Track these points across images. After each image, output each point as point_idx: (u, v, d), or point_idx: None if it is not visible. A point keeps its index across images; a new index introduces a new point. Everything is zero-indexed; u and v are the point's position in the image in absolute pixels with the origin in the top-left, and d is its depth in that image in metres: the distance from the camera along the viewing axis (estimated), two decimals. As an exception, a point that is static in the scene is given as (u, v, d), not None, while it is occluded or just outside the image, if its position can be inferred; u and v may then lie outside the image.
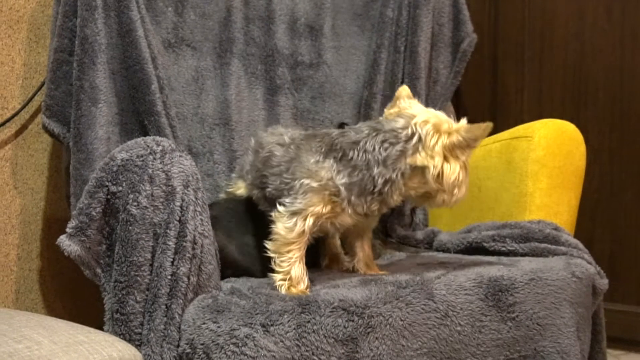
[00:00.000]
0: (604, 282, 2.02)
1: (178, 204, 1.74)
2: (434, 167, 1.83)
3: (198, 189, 1.79)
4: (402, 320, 1.71)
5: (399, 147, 1.85)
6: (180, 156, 1.79)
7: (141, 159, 1.75)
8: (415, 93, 2.53)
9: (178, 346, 1.67)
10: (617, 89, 2.76)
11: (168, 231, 1.72)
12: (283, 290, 1.83)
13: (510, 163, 2.23)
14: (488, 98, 2.99)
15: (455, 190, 1.87)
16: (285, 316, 1.63)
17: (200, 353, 1.62)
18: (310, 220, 1.86)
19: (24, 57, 2.33)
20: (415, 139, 1.84)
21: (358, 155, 1.87)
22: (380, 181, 1.85)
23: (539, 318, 1.84)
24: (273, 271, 1.88)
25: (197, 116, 2.42)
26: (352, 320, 1.67)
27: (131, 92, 2.21)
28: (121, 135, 2.21)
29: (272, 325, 1.61)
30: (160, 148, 1.77)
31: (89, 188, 1.77)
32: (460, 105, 2.93)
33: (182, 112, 2.39)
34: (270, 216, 1.91)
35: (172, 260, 1.71)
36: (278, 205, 1.91)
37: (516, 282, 1.85)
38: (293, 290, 1.83)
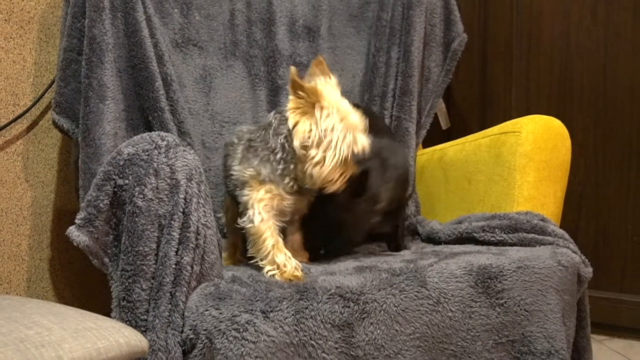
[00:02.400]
0: (588, 271, 2.02)
1: (182, 196, 1.73)
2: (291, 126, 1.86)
3: (201, 182, 1.79)
4: (395, 306, 1.71)
5: (283, 117, 1.90)
6: (184, 150, 1.79)
7: (147, 153, 1.75)
8: (408, 91, 2.54)
9: (182, 332, 1.67)
10: (601, 86, 2.76)
11: (172, 222, 1.72)
12: (278, 278, 1.84)
13: (499, 157, 2.23)
14: (478, 95, 2.99)
15: (313, 153, 1.85)
16: (284, 303, 1.63)
17: (203, 338, 1.62)
18: (259, 207, 1.89)
19: (35, 56, 2.33)
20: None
21: (263, 140, 1.93)
22: (278, 152, 1.90)
23: (526, 304, 1.84)
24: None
25: (207, 113, 2.43)
26: (348, 307, 1.67)
27: (137, 89, 2.21)
28: (127, 131, 2.21)
29: (271, 311, 1.60)
30: (165, 143, 1.77)
31: (97, 181, 1.77)
32: (451, 102, 2.93)
33: (194, 108, 2.39)
34: None
35: (176, 250, 1.71)
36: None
37: (504, 270, 1.85)
38: (286, 275, 1.84)
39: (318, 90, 1.85)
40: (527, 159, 2.16)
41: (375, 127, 2.17)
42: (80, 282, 2.49)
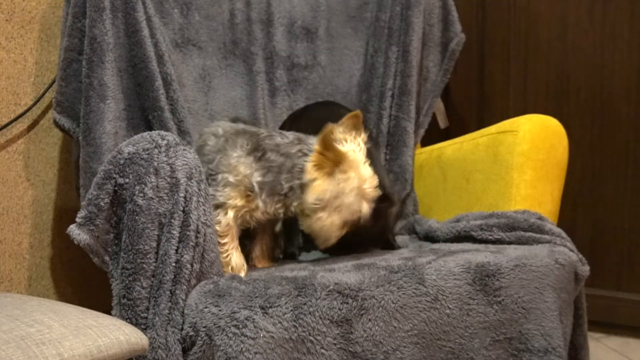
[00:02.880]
0: (585, 269, 2.02)
1: (182, 195, 1.73)
2: (309, 180, 1.87)
3: (201, 180, 1.79)
4: (394, 303, 1.71)
5: (307, 158, 1.89)
6: (184, 149, 1.79)
7: (147, 152, 1.75)
8: (407, 90, 2.54)
9: (182, 329, 1.67)
10: (597, 86, 2.76)
11: (172, 221, 1.72)
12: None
13: (496, 156, 2.23)
14: (475, 95, 2.99)
15: (320, 214, 1.89)
16: (283, 299, 1.63)
17: (203, 335, 1.62)
18: (230, 214, 1.92)
19: (36, 55, 2.33)
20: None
21: (275, 158, 1.92)
22: (286, 186, 1.91)
23: (523, 302, 1.84)
24: None
25: (207, 112, 2.43)
26: (347, 303, 1.67)
27: (137, 88, 2.22)
28: (128, 130, 2.21)
29: (270, 307, 1.61)
30: (165, 142, 1.77)
31: (97, 180, 1.77)
32: (449, 102, 2.93)
33: (194, 107, 2.39)
34: None
35: (176, 248, 1.71)
36: None
37: (502, 268, 1.85)
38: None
39: (345, 154, 1.87)
40: (524, 158, 2.16)
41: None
42: (81, 280, 2.49)
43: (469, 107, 3.00)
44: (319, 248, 2.03)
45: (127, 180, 1.74)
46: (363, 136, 1.96)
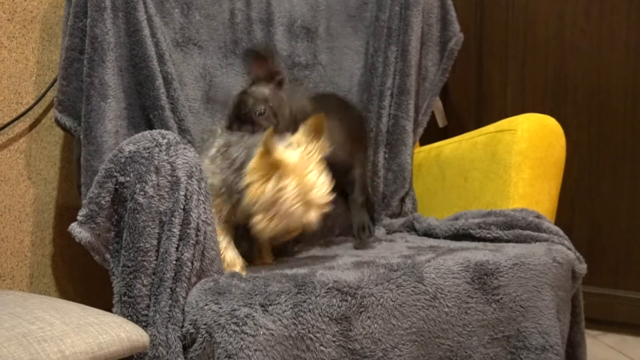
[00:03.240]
0: (582, 267, 2.02)
1: (182, 193, 1.73)
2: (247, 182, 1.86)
3: (201, 179, 1.79)
4: (393, 301, 1.71)
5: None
6: (185, 148, 1.79)
7: (148, 151, 1.75)
8: (406, 89, 2.54)
9: (182, 327, 1.68)
10: (594, 85, 2.76)
11: (173, 219, 1.72)
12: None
13: (494, 155, 2.23)
14: (474, 94, 2.99)
15: (258, 217, 1.85)
16: (283, 296, 1.63)
17: (203, 333, 1.62)
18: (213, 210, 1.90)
19: (37, 55, 2.33)
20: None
21: (235, 153, 1.95)
22: (239, 185, 1.89)
23: (521, 300, 1.84)
24: None
25: (207, 111, 2.43)
26: (346, 300, 1.67)
27: (138, 87, 2.22)
28: (129, 129, 2.21)
29: (270, 305, 1.61)
30: (165, 140, 1.77)
31: (98, 178, 1.77)
32: (448, 101, 2.93)
33: (194, 106, 2.39)
34: None
35: (176, 246, 1.71)
36: None
37: (501, 266, 1.85)
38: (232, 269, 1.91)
39: (283, 160, 1.82)
40: (522, 156, 2.16)
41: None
42: (82, 278, 2.49)
43: (468, 106, 3.00)
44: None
45: (128, 178, 1.74)
46: (323, 141, 1.91)
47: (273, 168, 1.82)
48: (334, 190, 1.91)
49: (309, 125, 1.90)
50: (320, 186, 1.85)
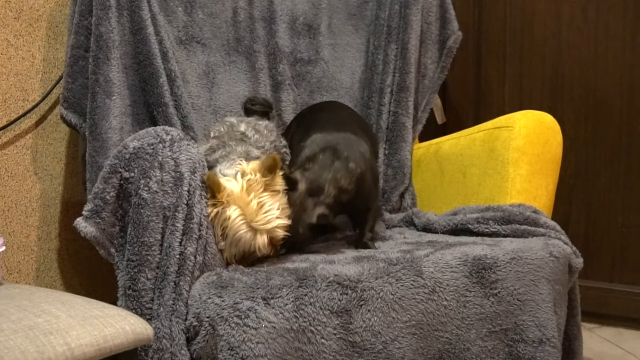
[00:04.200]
0: (579, 261, 2.02)
1: (186, 188, 1.74)
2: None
3: (204, 174, 1.79)
4: (392, 294, 1.71)
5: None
6: (188, 144, 1.79)
7: (152, 147, 1.75)
8: (405, 87, 2.54)
9: (186, 320, 1.68)
10: (591, 82, 2.76)
11: (176, 214, 1.72)
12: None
13: (492, 151, 2.23)
14: (472, 91, 2.99)
15: (218, 239, 1.87)
16: (284, 290, 1.63)
17: (206, 325, 1.62)
18: None
19: (43, 53, 2.33)
20: None
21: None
22: None
23: (519, 294, 1.84)
24: None
25: (210, 107, 2.43)
26: (346, 294, 1.67)
27: (142, 85, 2.22)
28: (133, 125, 2.21)
29: (272, 298, 1.61)
30: (169, 137, 1.77)
31: (103, 174, 1.77)
32: (447, 98, 2.93)
33: (197, 103, 2.39)
34: None
35: (180, 240, 1.71)
36: None
37: (498, 261, 1.85)
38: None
39: (226, 190, 1.84)
40: (519, 152, 2.16)
41: (337, 121, 2.23)
42: (87, 271, 2.49)
43: (466, 103, 3.00)
44: None
45: (132, 174, 1.74)
46: (277, 177, 1.91)
47: (215, 194, 1.84)
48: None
49: (262, 161, 1.91)
50: (264, 213, 1.86)
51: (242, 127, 2.14)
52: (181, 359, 1.66)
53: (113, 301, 1.71)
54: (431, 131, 2.71)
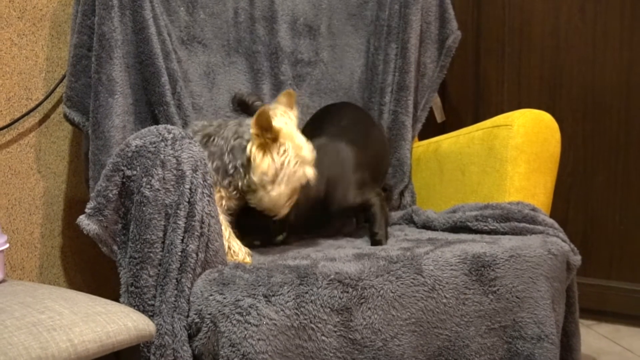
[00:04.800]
0: (577, 259, 2.02)
1: (187, 186, 1.73)
2: (253, 159, 1.95)
3: (205, 172, 1.79)
4: (392, 292, 1.71)
5: (243, 140, 1.98)
6: (190, 143, 1.79)
7: (154, 145, 1.75)
8: (405, 86, 2.54)
9: (187, 316, 1.68)
10: (589, 81, 2.76)
11: (178, 211, 1.72)
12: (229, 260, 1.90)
13: (491, 149, 2.23)
14: (471, 90, 2.99)
15: (269, 187, 1.97)
16: (285, 287, 1.63)
17: (208, 322, 1.62)
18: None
19: (47, 52, 2.33)
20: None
21: (217, 141, 2.03)
22: (230, 167, 2.00)
23: (517, 291, 1.84)
24: None
25: (211, 107, 2.42)
26: (347, 292, 1.67)
27: (144, 84, 2.22)
28: (135, 124, 2.21)
29: (273, 295, 1.61)
30: (171, 135, 1.77)
31: (106, 172, 1.77)
32: (446, 96, 2.93)
33: (198, 102, 2.38)
34: None
35: (182, 238, 1.71)
36: None
37: (497, 258, 1.85)
38: (236, 259, 1.93)
39: (280, 129, 1.96)
40: (518, 151, 2.16)
41: (334, 128, 2.31)
42: (90, 268, 2.49)
43: (465, 102, 3.00)
44: (274, 219, 2.07)
45: (134, 172, 1.74)
46: (295, 111, 2.07)
47: (272, 140, 1.94)
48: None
49: (280, 100, 2.09)
50: (307, 144, 2.00)
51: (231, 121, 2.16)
52: (183, 355, 1.66)
53: (115, 298, 1.71)
54: (431, 130, 2.71)
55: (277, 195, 1.97)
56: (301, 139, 2.00)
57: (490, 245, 1.90)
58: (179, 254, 1.70)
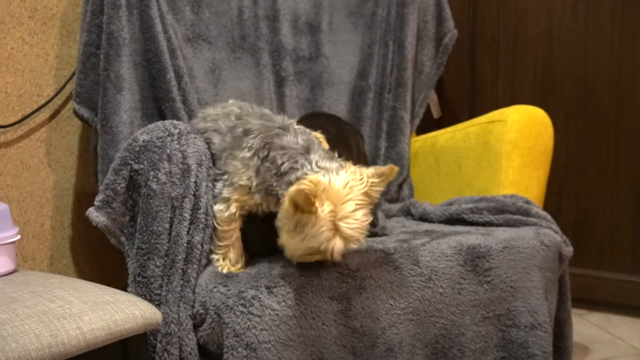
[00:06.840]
0: (569, 250, 2.02)
1: (193, 180, 1.74)
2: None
3: (210, 167, 1.80)
4: (390, 282, 1.71)
5: (292, 177, 1.66)
6: (195, 138, 1.79)
7: (160, 140, 1.75)
8: (403, 83, 2.54)
9: (193, 306, 1.68)
10: (581, 79, 2.76)
11: (184, 204, 1.72)
12: (224, 270, 1.77)
13: (486, 144, 2.23)
14: (467, 87, 2.98)
15: (283, 232, 1.65)
16: (287, 279, 1.63)
17: (212, 313, 1.63)
18: (233, 208, 1.77)
19: (57, 50, 2.32)
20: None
21: (277, 160, 1.70)
22: (278, 190, 1.68)
23: (511, 281, 1.84)
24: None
25: (216, 102, 2.42)
26: (346, 282, 1.67)
27: (151, 80, 2.21)
28: (143, 119, 2.20)
29: (275, 287, 1.61)
30: (177, 130, 1.77)
31: (114, 166, 1.77)
32: (443, 93, 2.92)
33: (203, 98, 2.38)
34: None
35: (187, 229, 1.72)
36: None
37: (492, 249, 1.85)
38: (232, 269, 1.77)
39: (326, 185, 1.60)
40: (512, 146, 2.16)
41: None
42: (98, 259, 2.49)
43: (461, 98, 2.99)
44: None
45: (142, 166, 1.74)
46: (379, 186, 1.67)
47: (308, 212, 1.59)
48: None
49: (379, 169, 1.67)
50: (354, 219, 1.61)
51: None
52: (188, 343, 1.66)
53: (123, 287, 1.71)
54: (428, 125, 2.71)
55: (290, 245, 1.65)
56: (351, 209, 1.60)
57: (485, 236, 1.91)
58: (185, 245, 1.71)
